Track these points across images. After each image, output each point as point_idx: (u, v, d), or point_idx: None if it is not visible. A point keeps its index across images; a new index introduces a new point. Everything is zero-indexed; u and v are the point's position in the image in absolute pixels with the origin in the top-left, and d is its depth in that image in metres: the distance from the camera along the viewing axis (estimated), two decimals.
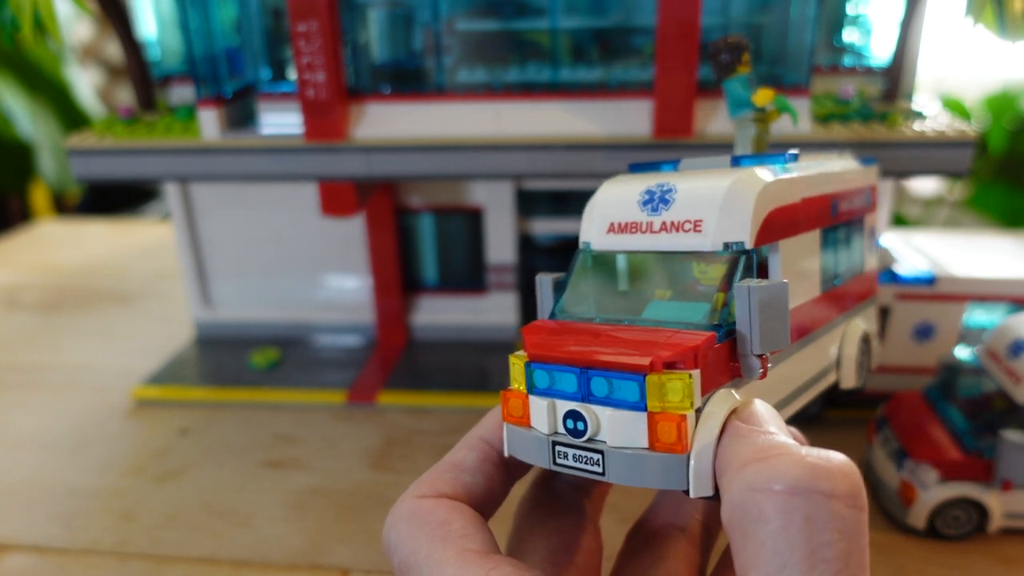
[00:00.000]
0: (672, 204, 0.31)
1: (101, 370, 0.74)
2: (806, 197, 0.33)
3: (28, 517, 0.53)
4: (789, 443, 0.23)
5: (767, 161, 0.33)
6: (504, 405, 0.29)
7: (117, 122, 0.62)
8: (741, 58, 0.39)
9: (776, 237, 0.31)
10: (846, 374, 0.38)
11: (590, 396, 0.27)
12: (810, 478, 0.21)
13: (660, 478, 0.26)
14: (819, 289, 0.35)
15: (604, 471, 0.26)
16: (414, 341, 0.76)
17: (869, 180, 0.42)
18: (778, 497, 0.21)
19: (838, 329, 0.38)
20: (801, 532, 0.21)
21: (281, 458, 0.59)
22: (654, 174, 0.34)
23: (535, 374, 0.28)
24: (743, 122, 0.39)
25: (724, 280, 0.29)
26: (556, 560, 0.29)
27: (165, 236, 1.14)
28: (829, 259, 0.36)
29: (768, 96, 0.38)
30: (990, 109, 1.62)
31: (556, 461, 0.28)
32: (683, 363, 0.26)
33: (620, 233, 0.32)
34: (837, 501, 0.21)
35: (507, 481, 0.31)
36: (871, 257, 0.42)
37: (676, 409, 0.25)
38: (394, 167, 0.57)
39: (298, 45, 0.54)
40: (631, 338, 0.28)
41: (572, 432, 0.27)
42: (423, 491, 0.28)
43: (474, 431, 0.31)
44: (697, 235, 0.30)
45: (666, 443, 0.25)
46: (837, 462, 0.22)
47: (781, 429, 0.25)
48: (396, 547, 0.27)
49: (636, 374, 0.26)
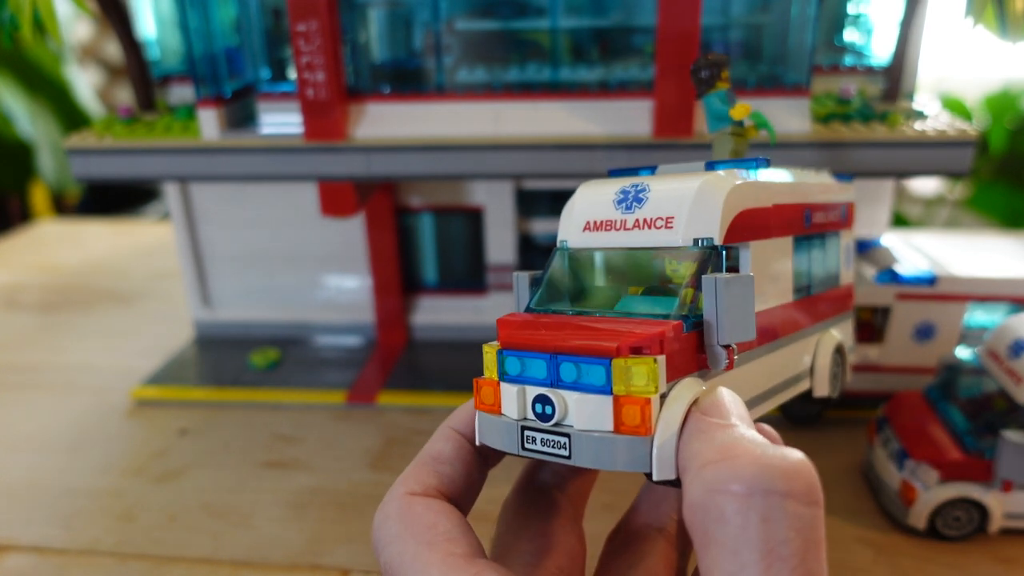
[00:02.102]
0: (645, 202, 0.32)
1: (101, 370, 0.74)
2: (778, 203, 0.34)
3: (27, 517, 0.53)
4: (748, 437, 0.24)
5: (739, 166, 0.34)
6: (476, 393, 0.30)
7: (116, 122, 0.62)
8: (720, 74, 0.40)
9: (745, 237, 0.32)
10: (819, 383, 0.39)
11: (559, 381, 0.28)
12: (767, 477, 0.22)
13: (624, 461, 0.26)
14: (791, 296, 0.36)
15: (570, 454, 0.27)
16: (414, 341, 0.75)
17: (845, 196, 0.43)
18: (736, 498, 0.22)
19: (812, 338, 0.39)
20: (758, 532, 0.21)
21: (281, 458, 0.59)
22: (631, 177, 0.35)
23: (507, 361, 0.29)
24: (722, 136, 0.40)
25: (693, 277, 0.30)
26: (540, 563, 0.30)
27: (165, 236, 1.14)
28: (802, 267, 0.37)
29: (745, 110, 0.39)
30: (990, 109, 1.62)
31: (524, 446, 0.28)
32: (649, 348, 0.26)
33: (595, 231, 0.33)
34: (792, 499, 0.22)
35: (483, 469, 0.31)
36: (847, 271, 0.44)
37: (641, 393, 0.26)
38: (394, 167, 0.57)
39: (298, 45, 0.54)
40: (600, 327, 0.28)
41: (540, 416, 0.28)
42: (411, 486, 0.29)
43: (447, 423, 0.31)
44: (668, 231, 0.31)
45: (630, 426, 0.26)
46: (792, 460, 0.23)
47: (743, 419, 0.26)
48: (384, 546, 0.27)
49: (602, 358, 0.26)
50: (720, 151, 0.40)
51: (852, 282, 0.44)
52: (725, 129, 0.40)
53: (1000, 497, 0.46)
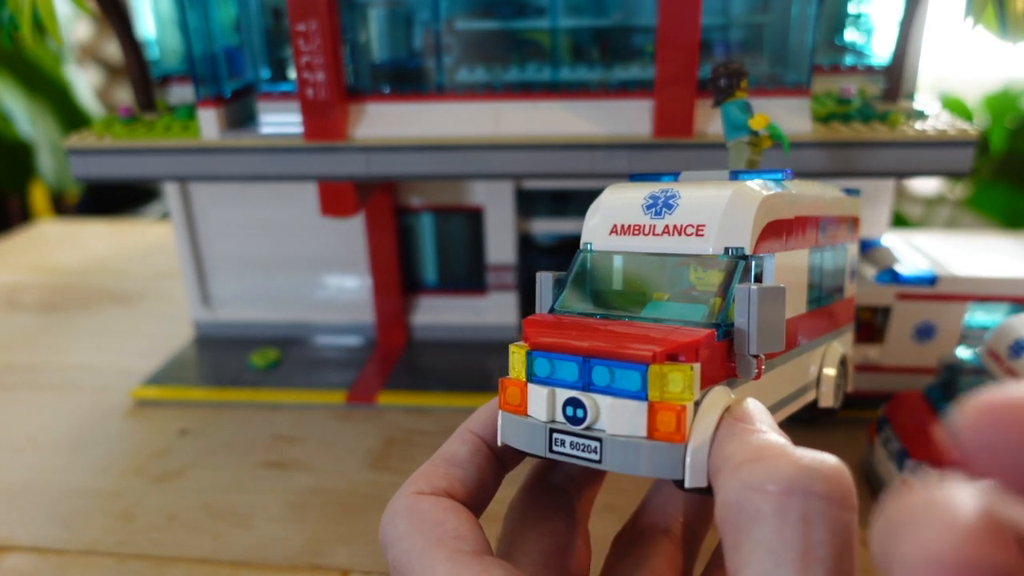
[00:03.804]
0: (676, 209, 0.32)
1: (100, 370, 0.74)
2: (799, 215, 0.35)
3: (27, 518, 0.53)
4: (782, 442, 0.24)
5: (765, 176, 0.34)
6: (501, 393, 0.30)
7: (116, 122, 0.62)
8: (740, 83, 0.40)
9: (772, 248, 0.32)
10: (825, 393, 0.40)
11: (591, 385, 0.27)
12: (806, 479, 0.22)
13: (656, 467, 0.26)
14: (805, 307, 0.37)
15: (601, 459, 0.27)
16: (414, 341, 0.75)
17: (853, 211, 0.44)
18: (774, 497, 0.22)
19: (819, 349, 0.39)
20: (796, 532, 0.21)
21: (281, 458, 0.59)
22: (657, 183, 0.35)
23: (536, 362, 0.29)
24: (738, 145, 0.40)
25: (721, 286, 0.30)
26: (547, 563, 0.30)
27: (165, 236, 1.14)
28: (815, 279, 0.38)
29: (764, 121, 0.39)
30: (990, 109, 1.61)
31: (552, 449, 0.28)
32: (685, 356, 0.27)
33: (623, 235, 0.33)
34: (831, 502, 0.22)
35: (498, 473, 0.31)
36: (851, 285, 0.44)
37: (676, 400, 0.26)
38: (394, 167, 0.57)
39: (298, 45, 0.54)
40: (632, 332, 0.28)
41: (571, 419, 0.28)
42: (420, 486, 0.28)
43: (465, 425, 0.31)
44: (699, 239, 0.31)
45: (665, 432, 0.26)
46: (831, 464, 0.22)
47: (773, 428, 0.26)
48: (392, 543, 0.27)
49: (639, 364, 0.26)
50: (736, 160, 0.40)
51: (854, 295, 0.45)
52: (742, 138, 0.40)
53: None
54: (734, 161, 0.41)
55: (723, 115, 0.41)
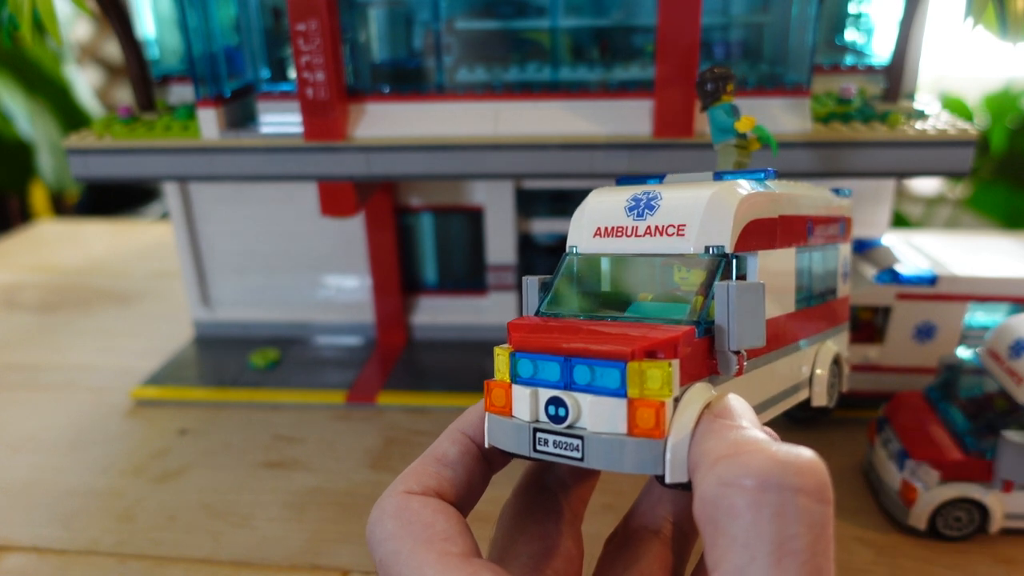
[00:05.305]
0: (657, 210, 0.32)
1: (100, 370, 0.74)
2: (783, 214, 0.35)
3: (27, 518, 0.53)
4: (760, 437, 0.24)
5: (747, 176, 0.35)
6: (487, 395, 0.30)
7: (116, 122, 0.62)
8: (726, 87, 0.41)
9: (754, 247, 0.32)
10: (818, 393, 0.40)
11: (572, 384, 0.28)
12: (779, 473, 0.22)
13: (637, 463, 0.26)
14: (793, 306, 0.37)
15: (583, 456, 0.27)
16: (414, 341, 0.75)
17: (844, 211, 0.44)
18: (748, 492, 0.22)
19: (811, 349, 0.40)
20: (770, 526, 0.22)
21: (281, 458, 0.59)
22: (641, 185, 0.35)
23: (519, 363, 0.29)
24: (726, 148, 0.41)
25: (703, 285, 0.30)
26: (538, 566, 0.30)
27: (164, 236, 1.14)
28: (803, 278, 0.38)
29: (750, 123, 0.40)
30: (990, 109, 1.62)
31: (536, 448, 0.28)
32: (663, 352, 0.27)
33: (607, 237, 0.34)
34: (804, 495, 0.22)
35: (486, 475, 0.31)
36: (844, 285, 0.44)
37: (655, 396, 0.26)
38: (394, 167, 0.57)
39: (297, 44, 0.54)
40: (613, 331, 0.29)
41: (553, 418, 0.28)
42: (410, 485, 0.28)
43: (455, 425, 0.31)
44: (680, 239, 0.31)
45: (644, 428, 0.26)
46: (805, 457, 0.23)
47: (753, 423, 0.26)
48: (380, 543, 0.27)
49: (617, 361, 0.27)
50: (724, 162, 0.41)
51: (848, 295, 0.45)
52: (730, 141, 0.40)
53: (1001, 497, 0.46)
54: (722, 164, 0.41)
55: (710, 119, 0.41)
